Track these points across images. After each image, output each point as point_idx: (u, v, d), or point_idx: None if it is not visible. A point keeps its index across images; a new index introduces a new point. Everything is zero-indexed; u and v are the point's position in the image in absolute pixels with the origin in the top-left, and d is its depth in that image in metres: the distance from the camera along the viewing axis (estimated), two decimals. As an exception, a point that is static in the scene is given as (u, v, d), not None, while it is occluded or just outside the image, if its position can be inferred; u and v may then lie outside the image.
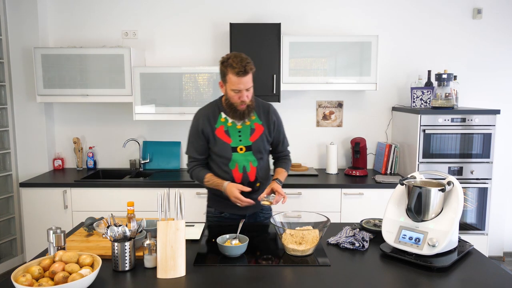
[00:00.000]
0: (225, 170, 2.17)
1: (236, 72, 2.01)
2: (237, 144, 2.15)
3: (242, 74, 2.01)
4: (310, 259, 1.74)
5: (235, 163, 2.15)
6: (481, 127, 3.25)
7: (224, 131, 2.16)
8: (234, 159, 2.15)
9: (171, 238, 1.62)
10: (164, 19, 3.72)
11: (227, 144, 2.15)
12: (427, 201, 1.74)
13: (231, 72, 2.03)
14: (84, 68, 3.43)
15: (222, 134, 2.16)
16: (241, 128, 2.17)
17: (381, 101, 3.81)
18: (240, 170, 2.16)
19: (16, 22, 3.54)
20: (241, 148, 2.15)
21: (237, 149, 2.15)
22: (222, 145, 2.15)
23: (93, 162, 3.82)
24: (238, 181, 2.17)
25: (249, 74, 2.04)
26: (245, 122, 2.18)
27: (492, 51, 3.73)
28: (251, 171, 2.17)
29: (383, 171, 3.62)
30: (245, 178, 2.17)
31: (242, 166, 2.16)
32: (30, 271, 1.45)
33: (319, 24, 3.70)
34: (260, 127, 2.20)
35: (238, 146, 2.15)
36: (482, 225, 3.35)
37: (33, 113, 3.65)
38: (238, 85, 2.04)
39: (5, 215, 3.64)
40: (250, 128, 2.18)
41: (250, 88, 2.09)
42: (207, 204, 2.36)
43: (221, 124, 2.16)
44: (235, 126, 2.17)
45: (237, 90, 2.05)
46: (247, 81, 2.05)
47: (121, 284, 1.55)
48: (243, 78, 2.03)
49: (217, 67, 3.38)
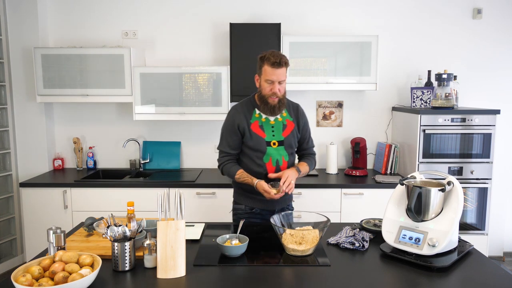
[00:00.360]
0: (259, 163, 2.25)
1: (272, 63, 2.12)
2: (270, 139, 2.25)
3: (277, 65, 2.12)
4: (310, 259, 1.74)
5: (269, 157, 2.24)
6: (481, 127, 3.25)
7: (259, 126, 2.25)
8: (268, 152, 2.24)
9: (171, 238, 1.62)
10: (164, 19, 3.72)
11: (262, 138, 2.24)
12: (427, 201, 1.74)
13: (267, 63, 2.14)
14: (84, 68, 3.43)
15: (257, 129, 2.25)
16: (274, 124, 2.27)
17: (381, 101, 3.81)
18: (273, 164, 2.24)
19: (16, 22, 3.54)
20: (274, 142, 2.25)
21: (270, 143, 2.24)
22: (257, 139, 2.23)
23: (93, 162, 3.82)
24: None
25: (283, 68, 2.14)
26: (277, 118, 2.27)
27: (492, 51, 3.73)
28: (283, 164, 2.26)
29: (383, 171, 3.62)
30: (277, 171, 2.24)
31: (276, 159, 2.25)
32: (30, 271, 1.45)
33: (319, 24, 3.70)
34: (291, 123, 2.30)
35: (271, 141, 2.25)
36: (482, 225, 3.35)
37: (33, 113, 3.65)
38: (271, 76, 2.14)
39: (5, 215, 3.64)
40: (282, 124, 2.28)
41: (283, 83, 2.18)
42: (234, 201, 2.42)
43: (255, 119, 2.26)
44: (269, 121, 2.26)
45: (270, 81, 2.15)
46: (281, 74, 2.14)
47: (121, 284, 1.55)
48: (277, 70, 2.13)
49: (217, 67, 3.43)
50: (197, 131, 3.84)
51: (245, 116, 2.26)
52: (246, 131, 2.24)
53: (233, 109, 2.32)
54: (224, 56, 3.73)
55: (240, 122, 2.25)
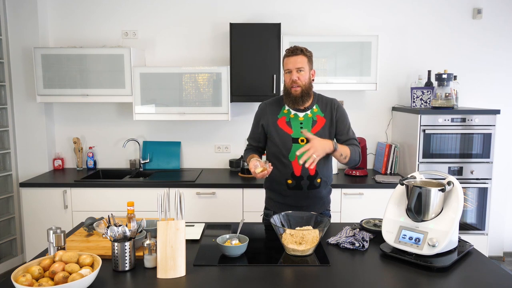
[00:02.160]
0: (285, 162, 2.17)
1: (286, 53, 2.16)
2: (298, 135, 2.17)
3: (291, 54, 2.14)
4: (310, 259, 1.74)
5: (295, 155, 2.09)
6: (481, 127, 3.25)
7: (286, 122, 2.20)
8: (294, 150, 2.13)
9: (171, 238, 1.62)
10: (164, 19, 3.72)
11: (288, 135, 2.18)
12: (427, 201, 1.74)
13: (284, 56, 2.18)
14: (84, 68, 3.43)
15: (283, 125, 2.20)
16: (303, 120, 2.20)
17: (381, 101, 3.81)
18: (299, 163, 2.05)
19: (16, 22, 3.54)
20: (302, 139, 2.16)
21: (298, 140, 2.16)
22: (283, 135, 2.18)
23: (93, 162, 3.82)
24: (298, 174, 2.16)
25: (299, 55, 2.13)
26: (307, 114, 2.20)
27: (492, 51, 3.73)
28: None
29: (383, 171, 3.62)
30: (304, 171, 2.15)
31: None
32: (30, 271, 1.45)
33: (319, 24, 3.70)
34: (322, 119, 2.21)
35: (299, 138, 2.16)
36: (482, 225, 3.35)
37: (33, 113, 3.65)
38: (287, 65, 2.15)
39: (5, 215, 3.64)
40: (312, 119, 2.20)
41: (302, 70, 2.14)
42: (265, 206, 2.39)
43: (283, 115, 2.22)
44: (297, 117, 2.20)
45: (288, 70, 2.16)
46: (296, 61, 2.13)
47: (121, 284, 1.55)
48: (292, 57, 2.13)
49: (216, 67, 3.43)
50: (197, 131, 3.84)
51: (272, 112, 2.24)
52: (271, 127, 2.22)
53: (263, 103, 2.33)
54: (224, 56, 3.73)
55: (263, 118, 2.26)
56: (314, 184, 2.19)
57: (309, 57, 2.17)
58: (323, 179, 2.22)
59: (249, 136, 2.39)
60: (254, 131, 2.33)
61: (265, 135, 2.29)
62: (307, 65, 2.15)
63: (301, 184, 2.18)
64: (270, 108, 2.26)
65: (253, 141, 2.35)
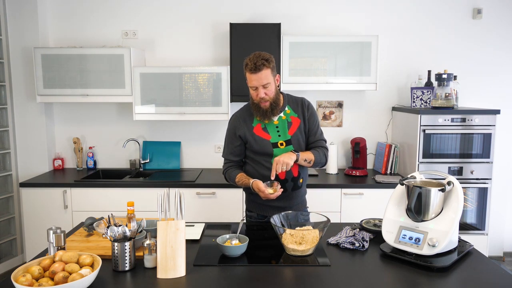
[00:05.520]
0: (268, 167, 2.15)
1: (249, 69, 2.05)
2: (276, 140, 2.17)
3: (254, 71, 2.04)
4: (310, 259, 1.74)
5: None
6: (481, 127, 3.25)
7: (262, 129, 2.18)
8: (276, 154, 2.14)
9: (171, 238, 1.62)
10: (164, 19, 3.72)
11: (266, 141, 2.16)
12: (427, 201, 1.74)
13: (246, 70, 2.08)
14: (84, 68, 3.43)
15: (260, 132, 2.18)
16: (278, 124, 2.19)
17: (381, 101, 3.81)
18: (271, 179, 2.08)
19: (16, 22, 3.54)
20: (281, 143, 2.16)
21: (277, 144, 2.16)
22: (262, 142, 2.17)
23: (93, 162, 3.82)
24: (282, 177, 2.16)
25: (262, 71, 2.03)
26: (281, 117, 2.19)
27: (492, 51, 3.73)
28: (294, 166, 2.13)
29: (383, 171, 3.62)
30: (288, 174, 2.16)
31: None
32: (30, 271, 1.45)
33: (319, 24, 3.70)
34: (297, 119, 2.21)
35: (278, 142, 2.17)
36: (482, 225, 3.35)
37: (33, 113, 3.65)
38: (252, 81, 2.07)
39: (5, 215, 3.64)
40: (287, 122, 2.20)
41: (268, 85, 2.08)
42: (247, 208, 2.36)
43: (257, 122, 2.20)
44: (272, 122, 2.19)
45: (253, 88, 2.09)
46: (260, 78, 2.05)
47: (121, 284, 1.55)
48: (255, 74, 2.04)
49: (216, 67, 3.43)
50: (197, 131, 3.84)
51: (245, 121, 2.21)
52: (248, 136, 2.18)
53: (233, 116, 2.28)
54: (224, 56, 3.73)
55: (239, 128, 2.20)
56: (298, 185, 2.23)
57: (272, 66, 2.08)
58: (304, 179, 2.28)
59: (225, 152, 2.29)
60: (232, 145, 2.24)
61: (244, 146, 2.24)
62: (271, 77, 2.08)
63: (285, 187, 2.18)
64: (242, 118, 2.22)
65: (233, 156, 2.26)
